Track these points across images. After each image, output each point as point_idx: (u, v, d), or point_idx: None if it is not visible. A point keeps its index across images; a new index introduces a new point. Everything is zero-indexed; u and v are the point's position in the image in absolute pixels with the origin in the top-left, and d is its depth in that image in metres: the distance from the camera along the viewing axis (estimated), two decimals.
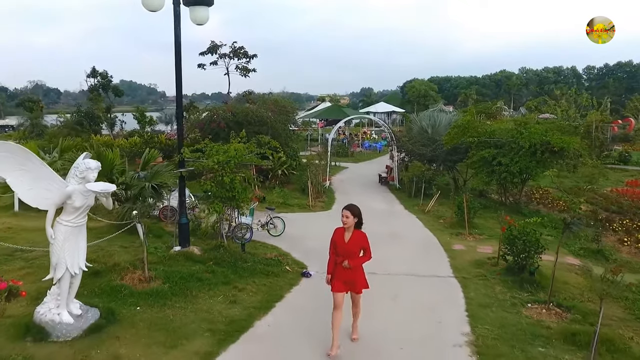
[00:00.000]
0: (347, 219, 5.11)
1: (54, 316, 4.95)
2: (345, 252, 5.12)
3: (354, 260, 5.12)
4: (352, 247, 5.11)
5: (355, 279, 5.23)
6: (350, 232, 5.16)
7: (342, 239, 5.15)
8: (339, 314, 5.08)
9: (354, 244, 5.12)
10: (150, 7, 6.66)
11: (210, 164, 7.67)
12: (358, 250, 5.17)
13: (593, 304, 6.46)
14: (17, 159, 4.77)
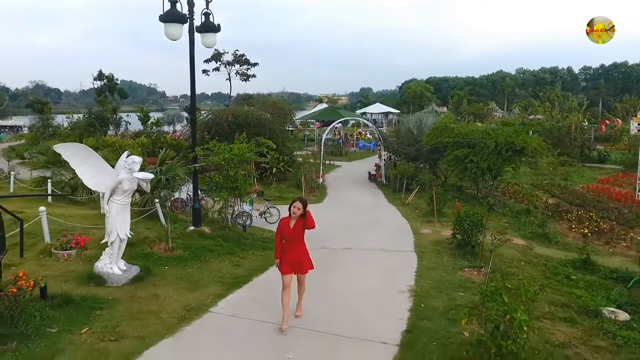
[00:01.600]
0: (298, 210, 5.75)
1: (108, 269, 6.85)
2: (291, 237, 5.80)
3: (298, 242, 5.84)
4: (298, 231, 5.80)
5: (302, 260, 5.86)
6: (294, 220, 5.80)
7: (288, 227, 5.81)
8: (287, 293, 5.70)
9: (299, 228, 5.80)
10: (173, 37, 8.54)
11: (218, 160, 9.59)
12: (302, 232, 5.85)
13: (515, 269, 8.34)
14: (83, 156, 6.67)
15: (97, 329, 5.38)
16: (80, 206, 12.83)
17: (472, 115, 42.32)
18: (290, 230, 5.80)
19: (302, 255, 5.88)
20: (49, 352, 4.80)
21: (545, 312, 6.40)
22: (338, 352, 5.17)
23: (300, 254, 5.86)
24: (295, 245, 5.84)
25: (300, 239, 5.88)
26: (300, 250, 5.87)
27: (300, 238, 5.88)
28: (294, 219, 5.80)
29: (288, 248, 5.85)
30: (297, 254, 5.83)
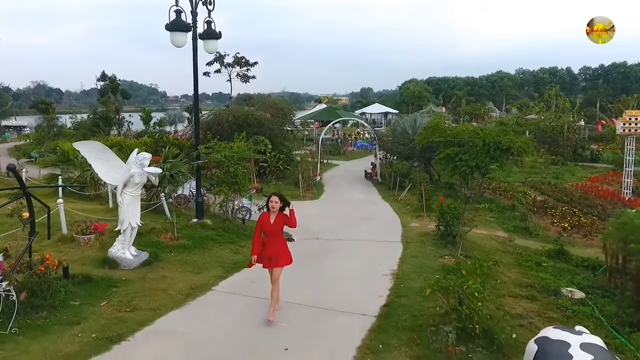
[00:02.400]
0: (275, 204, 5.88)
1: (120, 254, 7.65)
2: (272, 231, 5.90)
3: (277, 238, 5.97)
4: (278, 227, 5.92)
5: (279, 254, 5.93)
6: (274, 215, 5.91)
7: (269, 221, 5.91)
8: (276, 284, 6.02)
9: (279, 224, 5.92)
10: (178, 44, 9.34)
11: (219, 158, 10.39)
12: (282, 228, 5.98)
13: (491, 256, 9.10)
14: (98, 152, 7.47)
15: (114, 302, 6.18)
16: (89, 201, 13.62)
17: (467, 115, 43.03)
18: (271, 226, 5.88)
19: (280, 250, 5.95)
20: (75, 320, 5.60)
21: (510, 291, 7.18)
22: (324, 321, 5.96)
23: (278, 248, 5.94)
24: (274, 240, 5.93)
25: (280, 234, 5.99)
26: (278, 245, 5.97)
27: (280, 233, 5.98)
28: (273, 214, 5.90)
29: (268, 242, 5.95)
30: (275, 248, 5.91)
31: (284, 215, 5.96)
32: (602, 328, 6.10)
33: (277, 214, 5.92)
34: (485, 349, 4.98)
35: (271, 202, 5.90)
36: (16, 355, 4.78)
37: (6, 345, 4.95)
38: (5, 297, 5.38)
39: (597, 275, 9.27)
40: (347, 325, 5.83)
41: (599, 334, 5.41)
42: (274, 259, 5.91)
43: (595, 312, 6.61)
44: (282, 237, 6.07)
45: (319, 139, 28.68)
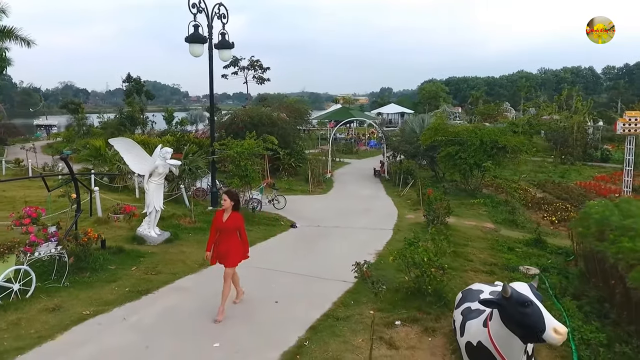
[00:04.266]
0: (225, 201, 5.87)
1: (147, 232, 9.12)
2: (223, 229, 5.89)
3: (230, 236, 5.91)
4: (228, 225, 5.87)
5: (228, 253, 5.90)
6: (228, 213, 5.90)
7: (221, 219, 5.90)
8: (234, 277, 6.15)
9: (230, 223, 5.88)
10: (195, 54, 10.80)
11: (232, 153, 11.82)
12: (233, 228, 5.90)
13: (470, 241, 10.29)
14: (128, 146, 8.95)
15: (142, 268, 7.64)
16: (117, 193, 15.23)
17: (479, 116, 43.65)
18: (222, 224, 5.89)
19: (230, 248, 5.89)
20: (112, 279, 7.07)
21: (475, 267, 8.36)
22: (310, 285, 7.29)
23: (229, 246, 5.89)
24: (226, 238, 5.91)
25: (233, 234, 5.93)
26: (230, 243, 5.91)
27: (233, 233, 5.93)
28: (227, 212, 5.91)
29: (219, 239, 5.96)
30: (226, 246, 5.90)
31: (239, 217, 5.96)
32: (546, 297, 7.23)
33: (230, 214, 5.91)
34: (434, 304, 6.22)
35: (222, 200, 5.94)
36: (70, 300, 6.25)
37: (62, 294, 6.44)
38: (59, 258, 6.88)
39: (569, 261, 10.32)
40: (329, 288, 7.13)
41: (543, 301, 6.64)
42: (222, 255, 5.90)
43: (546, 284, 7.75)
44: (234, 237, 5.96)
45: (333, 138, 30.00)
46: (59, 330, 5.43)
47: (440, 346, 5.28)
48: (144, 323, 5.72)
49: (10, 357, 4.79)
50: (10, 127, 42.92)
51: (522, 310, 3.64)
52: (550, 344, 3.61)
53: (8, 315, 5.70)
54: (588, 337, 5.55)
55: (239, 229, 5.99)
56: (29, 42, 23.72)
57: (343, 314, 6.14)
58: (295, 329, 5.63)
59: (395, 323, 5.81)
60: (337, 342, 5.31)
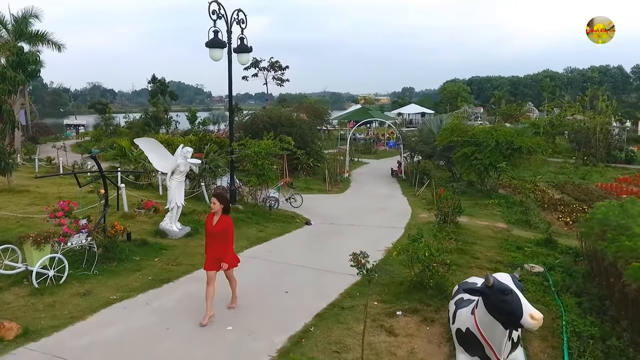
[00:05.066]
0: (214, 205, 5.79)
1: (169, 227, 9.71)
2: (212, 232, 5.83)
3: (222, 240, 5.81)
4: (218, 229, 5.77)
5: (222, 257, 5.81)
6: (218, 216, 5.82)
7: (211, 222, 5.85)
8: (210, 288, 5.82)
9: (219, 226, 5.78)
10: (215, 59, 11.36)
11: (250, 153, 12.35)
12: (224, 232, 5.79)
13: (479, 240, 10.55)
14: (153, 146, 9.55)
15: (164, 259, 8.21)
16: (141, 190, 15.97)
17: (500, 116, 43.28)
18: (212, 227, 5.84)
19: (223, 252, 5.82)
20: (136, 268, 7.66)
21: (481, 264, 8.64)
22: (319, 277, 7.73)
23: (221, 250, 5.82)
24: (217, 242, 5.83)
25: (223, 237, 5.82)
26: (222, 247, 5.83)
27: (223, 236, 5.82)
28: (216, 215, 5.85)
29: (211, 243, 5.90)
30: (220, 251, 5.82)
31: (228, 221, 5.87)
32: (548, 293, 7.49)
33: (220, 217, 5.85)
34: (436, 297, 6.57)
35: (212, 203, 5.90)
36: (99, 287, 6.85)
37: (91, 281, 7.04)
38: (89, 249, 7.50)
39: (578, 260, 10.47)
40: (337, 280, 7.54)
41: (543, 297, 6.95)
42: (217, 260, 5.85)
43: (549, 281, 7.98)
44: (226, 240, 5.86)
45: (352, 138, 30.41)
46: (89, 312, 6.00)
47: (437, 335, 5.63)
48: (165, 308, 6.25)
49: (47, 334, 5.38)
50: (42, 127, 44.76)
51: (503, 298, 3.98)
52: (527, 328, 3.94)
53: (45, 298, 6.32)
54: (580, 330, 5.81)
55: (228, 233, 5.84)
56: (60, 46, 24.89)
57: (348, 304, 6.55)
58: (302, 316, 6.07)
59: (397, 313, 6.19)
60: (340, 329, 5.72)
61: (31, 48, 23.21)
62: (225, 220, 5.85)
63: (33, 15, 23.78)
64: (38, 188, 14.65)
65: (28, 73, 13.66)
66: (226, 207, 5.89)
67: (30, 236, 6.80)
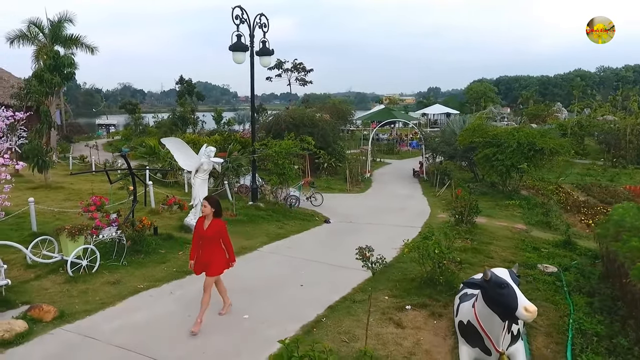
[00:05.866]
0: (205, 207, 5.70)
1: (192, 222, 10.16)
2: (203, 236, 5.71)
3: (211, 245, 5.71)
4: (209, 233, 5.67)
5: (211, 262, 5.70)
6: (209, 220, 5.71)
7: (202, 226, 5.74)
8: (218, 286, 6.00)
9: (211, 230, 5.68)
10: (238, 62, 11.80)
11: (271, 152, 12.76)
12: (214, 236, 5.69)
13: (496, 240, 10.65)
14: (178, 145, 10.04)
15: (187, 252, 8.62)
16: (168, 188, 16.61)
17: (526, 117, 42.59)
18: (204, 231, 5.74)
19: (212, 257, 5.73)
20: (162, 260, 8.15)
21: (493, 264, 8.77)
22: (334, 272, 8.04)
23: (211, 255, 5.73)
24: (208, 246, 5.75)
25: (214, 242, 5.76)
26: (212, 252, 5.75)
27: (215, 241, 5.76)
28: (208, 219, 5.77)
29: (202, 247, 5.81)
30: (208, 255, 5.74)
31: (220, 225, 5.80)
32: (559, 293, 7.58)
33: (212, 221, 5.77)
34: (445, 292, 6.79)
35: (202, 206, 5.85)
36: (127, 276, 7.35)
37: (120, 271, 7.56)
38: (118, 241, 8.02)
39: (597, 262, 10.44)
40: (351, 276, 7.83)
41: (553, 296, 7.09)
42: (204, 265, 5.76)
43: (562, 281, 8.07)
44: (216, 245, 5.80)
45: (375, 138, 30.58)
46: (118, 299, 6.49)
47: (444, 328, 5.87)
48: (187, 297, 6.68)
49: (80, 317, 5.88)
50: (76, 126, 46.50)
51: (500, 291, 4.20)
52: (522, 320, 4.15)
53: (78, 285, 6.85)
54: (586, 328, 5.94)
55: (220, 236, 5.79)
56: (93, 49, 25.95)
57: (360, 297, 6.84)
58: (315, 307, 6.39)
59: (406, 307, 6.44)
60: (350, 320, 6.02)
61: (66, 51, 24.31)
62: (217, 224, 5.77)
63: (67, 19, 24.87)
64: (72, 185, 15.45)
65: (64, 75, 14.43)
66: (217, 210, 5.81)
67: (65, 228, 7.36)
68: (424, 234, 7.42)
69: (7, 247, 7.30)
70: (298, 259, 8.74)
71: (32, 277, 7.07)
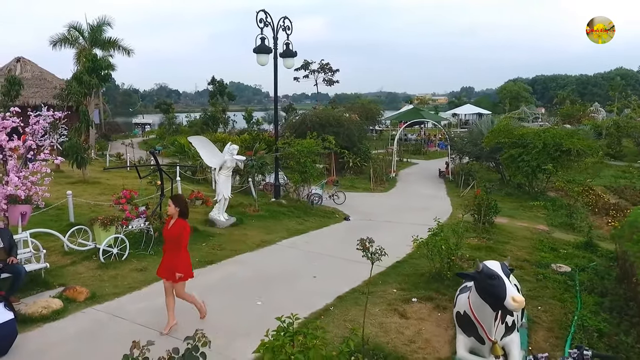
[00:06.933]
0: (169, 207, 5.47)
1: (217, 217, 10.73)
2: (166, 237, 5.53)
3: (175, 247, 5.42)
4: (171, 233, 5.43)
5: (174, 266, 5.36)
6: (174, 220, 5.49)
7: (166, 226, 5.56)
8: (168, 298, 5.54)
9: (174, 230, 5.42)
10: (262, 63, 12.30)
11: (293, 151, 13.21)
12: (177, 237, 5.38)
13: (513, 240, 10.72)
14: (204, 143, 10.61)
15: (210, 244, 9.20)
16: (197, 184, 17.34)
17: (560, 118, 41.52)
18: (167, 231, 5.53)
19: (175, 261, 5.39)
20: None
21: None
22: (346, 266, 8.36)
23: (174, 259, 5.40)
24: (170, 248, 5.50)
25: (178, 244, 5.43)
26: (174, 255, 5.42)
27: (178, 243, 5.42)
28: (173, 218, 5.51)
29: (165, 249, 5.59)
30: (170, 259, 5.45)
31: (185, 226, 5.50)
32: (569, 291, 7.65)
33: (176, 221, 5.49)
34: (452, 287, 7.00)
35: (168, 206, 5.58)
36: (153, 264, 7.86)
37: (147, 259, 8.14)
38: (146, 232, 8.61)
39: (615, 264, 10.35)
40: (363, 270, 8.04)
41: (562, 294, 7.20)
42: (168, 270, 5.47)
43: (575, 281, 8.11)
44: (177, 249, 5.46)
45: (399, 139, 30.60)
46: (144, 284, 7.05)
47: (446, 320, 6.11)
48: (207, 284, 7.16)
49: (110, 299, 6.47)
50: (114, 125, 48.47)
51: (490, 282, 4.45)
52: (511, 309, 4.38)
53: (109, 271, 7.46)
54: (589, 324, 6.05)
55: (182, 239, 5.43)
56: (129, 51, 27.16)
57: (369, 289, 7.14)
58: (325, 297, 6.76)
59: (412, 300, 6.71)
60: (357, 310, 6.34)
61: (104, 53, 25.57)
62: (180, 225, 5.46)
63: (106, 23, 26.17)
64: (108, 180, 16.36)
65: (101, 77, 15.32)
66: (182, 210, 5.53)
67: (98, 219, 8.00)
68: (432, 230, 7.61)
69: (48, 235, 8.01)
70: (314, 253, 9.12)
71: (68, 262, 7.74)
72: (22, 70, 24.93)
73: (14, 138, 7.30)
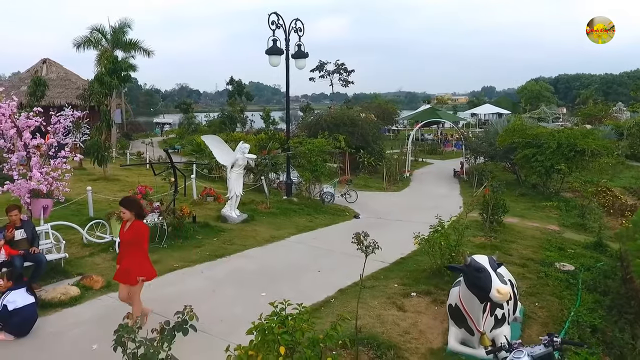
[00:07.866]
0: (123, 214, 5.27)
1: (228, 213, 11.10)
2: (121, 240, 5.46)
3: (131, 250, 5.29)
4: (126, 236, 5.30)
5: (129, 268, 5.24)
6: (129, 223, 5.30)
7: (122, 228, 5.39)
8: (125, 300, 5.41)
9: (129, 233, 5.28)
10: (274, 64, 12.64)
11: (304, 150, 13.51)
12: (132, 240, 5.24)
13: (521, 239, 10.80)
14: (216, 142, 10.99)
15: (221, 239, 9.57)
16: (212, 182, 17.79)
17: (580, 118, 40.81)
18: (123, 234, 5.36)
19: (131, 264, 5.26)
20: (197, 245, 9.08)
21: (509, 260, 9.00)
22: (351, 261, 8.56)
23: (131, 261, 5.27)
24: (127, 251, 5.37)
25: (134, 247, 5.30)
26: (131, 258, 5.30)
27: (134, 246, 5.30)
28: (129, 221, 5.31)
29: (121, 252, 5.50)
30: (128, 261, 5.30)
31: (140, 228, 5.34)
32: (570, 289, 7.74)
33: (132, 223, 5.30)
34: (451, 282, 7.19)
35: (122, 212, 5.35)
36: (166, 257, 8.32)
37: (160, 252, 8.55)
38: (160, 226, 9.03)
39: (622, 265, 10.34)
40: (367, 265, 8.27)
41: (562, 292, 7.31)
42: (124, 273, 5.33)
43: (577, 280, 8.19)
44: (135, 251, 5.33)
45: (414, 138, 30.65)
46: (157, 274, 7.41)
47: (443, 313, 6.30)
48: (216, 276, 7.53)
49: None
50: (136, 124, 49.66)
51: (477, 275, 4.65)
52: (495, 301, 4.57)
53: None
54: (584, 320, 6.17)
55: (139, 242, 5.30)
56: (149, 52, 27.89)
57: (370, 284, 7.39)
58: (327, 290, 7.03)
59: (411, 294, 6.93)
60: (356, 302, 6.58)
61: (125, 55, 26.34)
62: (137, 227, 5.30)
63: (127, 25, 26.93)
64: (127, 177, 16.95)
65: (121, 78, 15.89)
66: (137, 212, 5.34)
67: (115, 213, 8.43)
68: (433, 227, 7.80)
69: (68, 228, 8.49)
70: (321, 249, 9.40)
71: (86, 254, 8.21)
72: (48, 71, 25.91)
73: (37, 136, 7.79)
